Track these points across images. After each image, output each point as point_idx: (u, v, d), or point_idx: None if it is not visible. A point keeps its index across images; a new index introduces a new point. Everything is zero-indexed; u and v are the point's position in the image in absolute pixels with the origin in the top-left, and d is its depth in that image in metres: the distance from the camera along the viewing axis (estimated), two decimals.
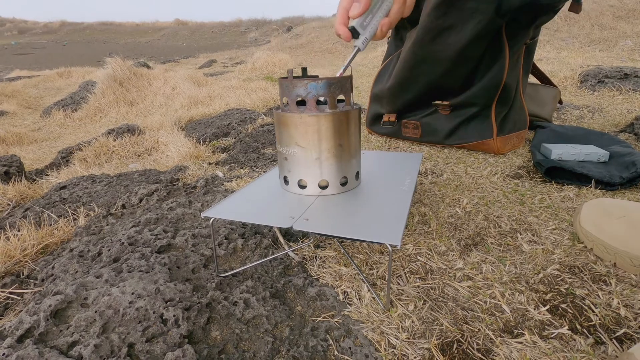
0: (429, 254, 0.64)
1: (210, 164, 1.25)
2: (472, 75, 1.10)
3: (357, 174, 0.63)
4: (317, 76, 0.58)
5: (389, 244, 0.45)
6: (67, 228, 0.80)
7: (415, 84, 1.19)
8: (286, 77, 0.56)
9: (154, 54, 11.96)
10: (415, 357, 0.44)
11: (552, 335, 0.46)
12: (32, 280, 0.64)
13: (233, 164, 1.21)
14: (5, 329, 0.49)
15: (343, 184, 0.60)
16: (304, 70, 0.62)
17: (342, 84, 0.56)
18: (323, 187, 0.59)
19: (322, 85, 0.54)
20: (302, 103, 0.57)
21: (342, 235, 0.49)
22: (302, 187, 0.59)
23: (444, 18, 1.01)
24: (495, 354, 0.44)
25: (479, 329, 0.48)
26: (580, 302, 0.51)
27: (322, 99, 0.56)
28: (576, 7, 1.05)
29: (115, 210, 0.88)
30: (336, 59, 6.13)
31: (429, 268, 0.60)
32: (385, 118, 1.32)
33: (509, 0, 0.95)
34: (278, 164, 0.63)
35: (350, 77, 0.59)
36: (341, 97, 0.57)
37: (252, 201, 0.59)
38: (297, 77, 0.59)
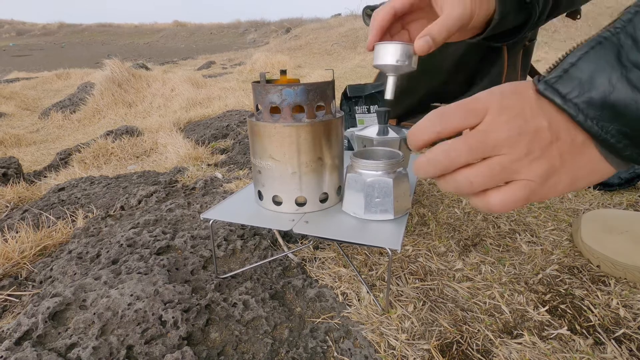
0: (428, 255, 0.64)
1: (209, 165, 1.25)
2: (471, 79, 1.10)
3: (339, 189, 0.57)
4: (297, 80, 0.54)
5: (389, 248, 0.45)
6: (66, 230, 0.80)
7: (415, 94, 1.20)
8: (259, 82, 0.50)
9: (153, 56, 11.96)
10: (415, 358, 0.44)
11: (551, 336, 0.46)
12: (30, 283, 0.63)
13: (232, 165, 1.21)
14: (3, 331, 0.49)
15: (323, 201, 0.55)
16: (283, 72, 0.56)
17: (322, 90, 0.49)
18: (300, 204, 0.54)
19: (299, 91, 0.47)
20: (277, 111, 0.50)
21: (342, 239, 0.49)
22: (278, 203, 0.54)
23: None
24: (494, 355, 0.44)
25: (478, 330, 0.48)
26: (579, 303, 0.51)
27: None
28: (574, 13, 1.06)
29: (113, 211, 0.88)
30: (335, 60, 6.14)
31: (428, 269, 0.60)
32: None
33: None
34: (252, 177, 0.57)
35: (332, 82, 0.52)
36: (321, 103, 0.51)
37: (251, 203, 0.59)
38: (272, 80, 0.54)
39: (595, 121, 0.27)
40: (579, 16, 1.04)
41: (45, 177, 1.48)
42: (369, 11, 1.31)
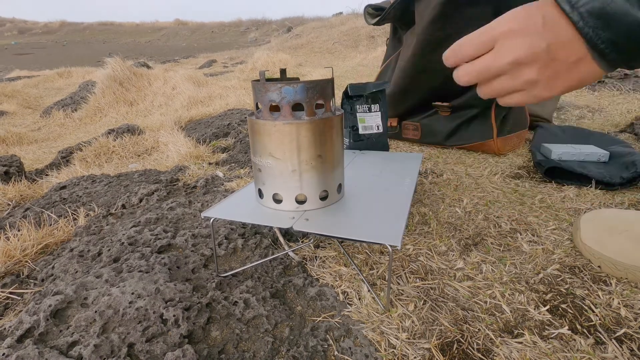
0: (429, 254, 0.64)
1: (210, 164, 1.25)
2: None
3: (340, 187, 0.58)
4: (297, 79, 0.54)
5: (389, 245, 0.45)
6: (67, 228, 0.80)
7: (417, 92, 1.20)
8: (258, 80, 0.50)
9: (154, 54, 11.96)
10: (415, 357, 0.44)
11: (552, 336, 0.46)
12: (32, 280, 0.64)
13: (233, 164, 1.21)
14: (5, 329, 0.49)
15: (323, 198, 0.55)
16: (283, 71, 0.57)
17: (322, 88, 0.49)
18: (300, 202, 0.54)
19: (298, 89, 0.48)
20: (277, 109, 0.51)
21: (341, 236, 0.49)
22: (278, 201, 0.55)
23: (442, 30, 1.01)
24: (495, 354, 0.44)
25: (479, 329, 0.48)
26: (580, 302, 0.51)
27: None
28: None
29: (115, 210, 0.88)
30: (336, 59, 6.13)
31: (429, 268, 0.60)
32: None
33: (507, 3, 0.94)
34: (253, 175, 0.58)
35: (332, 80, 0.52)
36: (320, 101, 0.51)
37: (252, 201, 0.59)
38: (272, 79, 0.54)
39: (592, 29, 0.32)
40: None
41: (46, 175, 1.48)
42: (370, 10, 1.30)
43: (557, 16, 0.34)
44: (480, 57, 0.39)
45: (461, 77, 0.41)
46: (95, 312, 0.49)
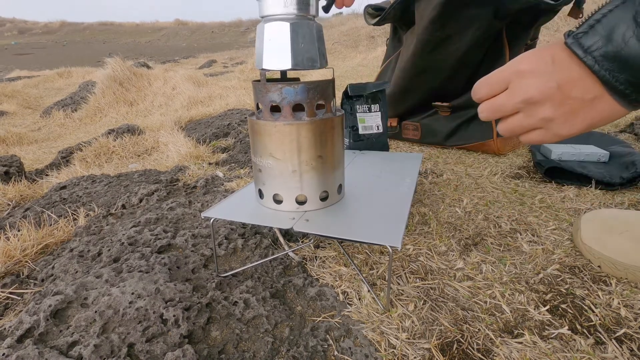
0: (429, 254, 0.64)
1: (210, 164, 1.25)
2: (473, 78, 1.10)
3: (340, 187, 0.58)
4: (297, 79, 0.54)
5: (389, 246, 0.45)
6: (67, 228, 0.80)
7: (417, 92, 1.20)
8: (259, 80, 0.50)
9: (154, 54, 11.96)
10: (415, 357, 0.44)
11: (552, 336, 0.46)
12: (32, 281, 0.64)
13: (233, 164, 1.21)
14: (5, 329, 0.49)
15: (323, 199, 0.55)
16: (283, 72, 0.57)
17: (323, 89, 0.50)
18: (301, 203, 0.54)
19: (299, 89, 0.48)
20: (278, 109, 0.51)
21: (342, 237, 0.49)
22: (278, 202, 0.55)
23: (442, 30, 1.01)
24: (495, 354, 0.44)
25: (479, 329, 0.48)
26: (580, 302, 0.51)
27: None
28: (577, 12, 1.05)
29: (115, 210, 0.88)
30: (336, 59, 6.13)
31: (429, 268, 0.60)
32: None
33: (507, 5, 0.95)
34: (253, 176, 0.58)
35: (332, 80, 0.52)
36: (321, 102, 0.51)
37: (252, 201, 0.59)
38: (273, 79, 0.53)
39: (608, 72, 0.32)
40: (581, 15, 1.03)
41: (47, 175, 1.48)
42: (370, 10, 1.31)
43: (567, 57, 0.35)
44: (497, 95, 0.41)
45: (480, 112, 0.43)
46: (95, 312, 0.49)
